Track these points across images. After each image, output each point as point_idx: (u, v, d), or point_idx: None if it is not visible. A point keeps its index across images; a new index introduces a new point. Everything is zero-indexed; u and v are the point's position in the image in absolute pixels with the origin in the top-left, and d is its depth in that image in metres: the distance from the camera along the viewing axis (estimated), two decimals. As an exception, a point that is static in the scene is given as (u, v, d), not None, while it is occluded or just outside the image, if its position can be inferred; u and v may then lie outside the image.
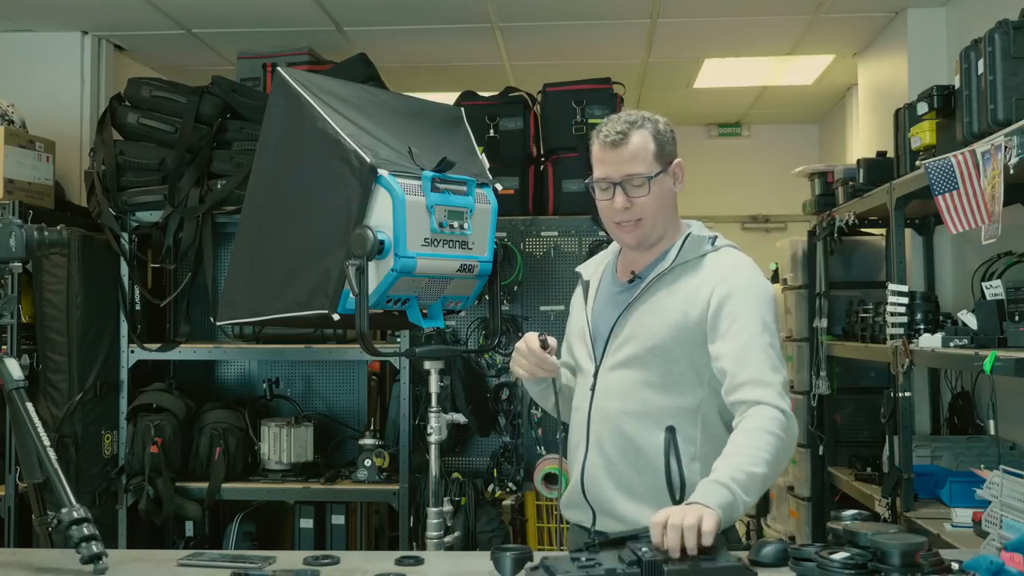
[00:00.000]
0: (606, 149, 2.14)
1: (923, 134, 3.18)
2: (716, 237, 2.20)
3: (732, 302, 2.08)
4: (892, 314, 3.30)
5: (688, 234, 2.19)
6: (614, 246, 2.36)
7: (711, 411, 2.11)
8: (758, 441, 1.94)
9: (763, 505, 5.36)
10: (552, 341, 2.15)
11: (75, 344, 3.93)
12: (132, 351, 4.10)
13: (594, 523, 2.17)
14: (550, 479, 3.88)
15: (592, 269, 2.35)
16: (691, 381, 2.12)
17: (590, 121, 4.19)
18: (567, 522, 2.32)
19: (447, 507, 2.49)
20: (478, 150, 2.75)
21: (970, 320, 2.91)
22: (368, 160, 2.30)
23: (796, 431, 2.04)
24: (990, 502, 2.47)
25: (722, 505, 1.83)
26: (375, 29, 4.75)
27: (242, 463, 4.10)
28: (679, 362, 2.12)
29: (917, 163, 3.14)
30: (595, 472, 2.15)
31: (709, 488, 1.87)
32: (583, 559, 1.74)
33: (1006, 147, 2.41)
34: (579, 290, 2.35)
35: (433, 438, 2.49)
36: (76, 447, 3.91)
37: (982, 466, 3.21)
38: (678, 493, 2.08)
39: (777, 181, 6.37)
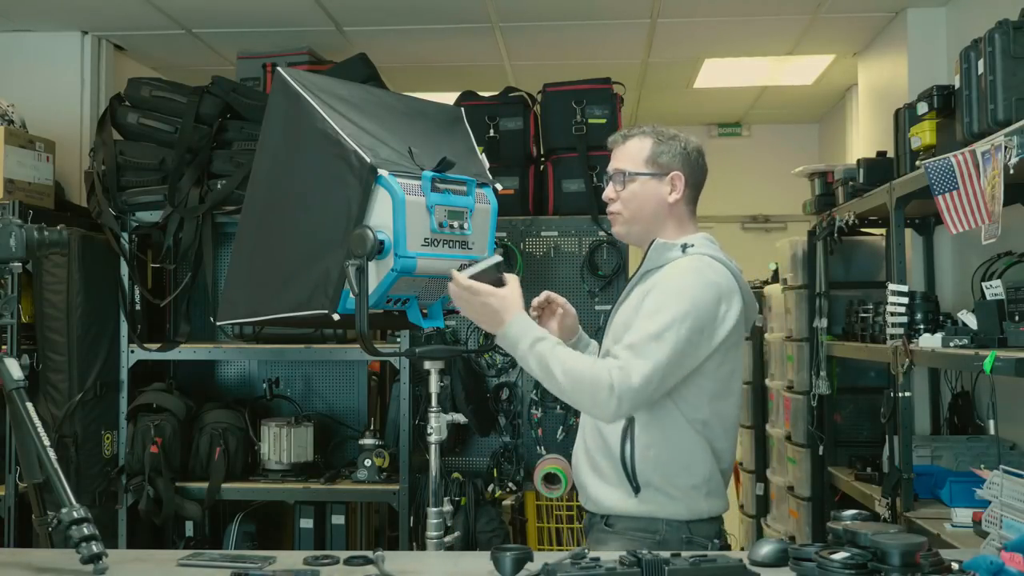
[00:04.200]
0: (612, 147, 2.46)
1: (923, 134, 3.18)
2: (692, 246, 2.31)
3: (654, 293, 2.25)
4: (892, 314, 3.29)
5: (654, 240, 2.35)
6: None
7: (670, 406, 2.24)
8: (577, 360, 2.21)
9: (763, 505, 5.36)
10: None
11: (75, 344, 3.93)
12: (132, 351, 4.09)
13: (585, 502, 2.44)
14: (550, 479, 3.88)
15: None
16: None
17: (590, 121, 4.19)
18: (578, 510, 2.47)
19: (447, 507, 2.49)
20: (478, 150, 2.75)
21: (970, 320, 2.91)
22: (368, 160, 2.30)
23: (613, 387, 2.12)
24: (990, 502, 2.46)
25: (509, 334, 2.24)
26: (375, 29, 4.75)
27: (242, 463, 4.10)
28: None
29: (917, 163, 3.14)
30: (579, 456, 2.42)
31: (526, 323, 2.26)
32: (583, 562, 1.74)
33: (1006, 147, 2.41)
34: None
35: (433, 438, 2.49)
36: (76, 447, 3.91)
37: (982, 466, 3.21)
38: (633, 480, 2.25)
39: (777, 181, 6.36)
